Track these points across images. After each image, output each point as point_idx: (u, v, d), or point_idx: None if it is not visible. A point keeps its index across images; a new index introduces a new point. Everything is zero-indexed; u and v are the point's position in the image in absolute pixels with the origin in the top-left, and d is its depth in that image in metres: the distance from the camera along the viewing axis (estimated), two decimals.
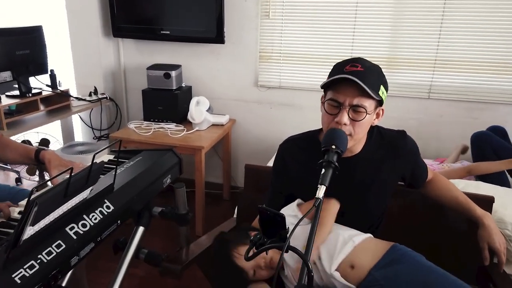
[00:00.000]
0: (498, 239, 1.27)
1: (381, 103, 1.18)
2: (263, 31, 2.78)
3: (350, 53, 2.64)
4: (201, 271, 1.42)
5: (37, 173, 2.97)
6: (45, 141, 2.90)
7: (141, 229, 1.21)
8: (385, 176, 1.29)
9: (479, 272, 1.41)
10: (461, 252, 1.45)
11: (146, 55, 3.05)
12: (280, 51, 2.79)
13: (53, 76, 2.65)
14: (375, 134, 1.29)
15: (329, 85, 1.16)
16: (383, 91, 1.16)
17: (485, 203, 1.41)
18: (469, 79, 2.50)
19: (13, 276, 0.72)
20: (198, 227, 2.63)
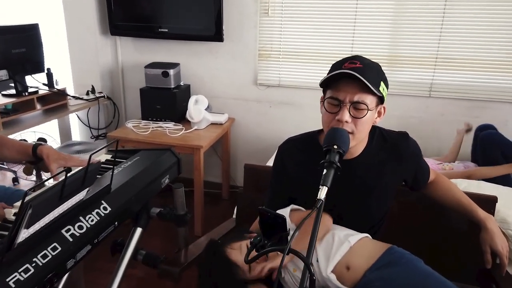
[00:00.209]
0: (500, 242, 1.25)
1: (382, 100, 1.16)
2: (262, 29, 2.76)
3: (350, 51, 2.63)
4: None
5: (34, 172, 2.95)
6: (42, 140, 2.87)
7: (139, 231, 1.20)
8: (387, 179, 1.26)
9: (480, 272, 1.40)
10: (462, 252, 1.44)
11: (144, 53, 3.03)
12: (279, 49, 2.77)
13: (49, 74, 2.62)
14: (376, 136, 1.27)
15: (328, 84, 1.15)
16: (383, 87, 1.14)
17: (488, 203, 1.41)
18: (470, 78, 2.48)
19: (8, 280, 0.71)
20: (197, 227, 2.61)
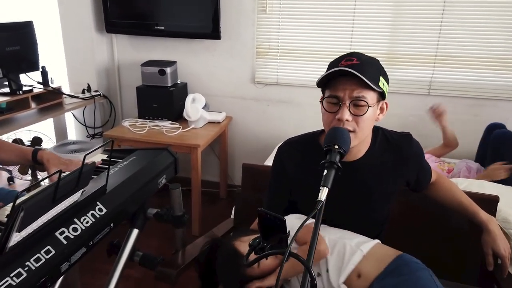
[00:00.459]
0: (503, 244, 1.24)
1: (383, 96, 1.13)
2: (260, 27, 2.73)
3: (349, 48, 2.60)
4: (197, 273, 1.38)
5: (30, 172, 2.92)
6: (37, 139, 2.85)
7: (136, 232, 1.18)
8: (391, 182, 1.24)
9: (481, 273, 1.39)
10: (463, 253, 1.43)
11: (140, 51, 3.00)
12: (277, 47, 2.74)
13: (44, 73, 2.59)
14: (379, 137, 1.24)
15: (326, 83, 1.12)
16: (383, 82, 1.10)
17: (490, 202, 1.39)
18: (470, 75, 2.47)
19: None
20: (194, 227, 2.59)
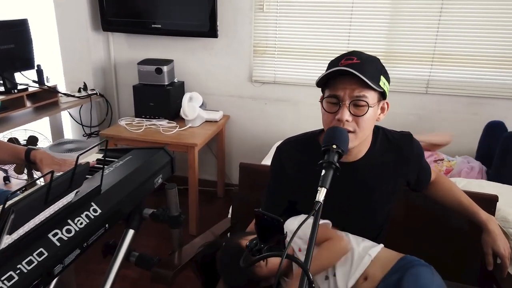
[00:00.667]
0: (503, 244, 1.23)
1: (384, 95, 1.12)
2: (257, 25, 2.71)
3: (346, 46, 2.59)
4: (195, 274, 1.37)
5: (25, 171, 2.89)
6: (33, 138, 2.82)
7: (131, 232, 1.17)
8: (391, 182, 1.23)
9: (481, 273, 1.38)
10: (463, 253, 1.42)
11: (137, 50, 2.97)
12: (274, 45, 2.73)
13: (39, 71, 2.57)
14: (380, 137, 1.23)
15: (326, 83, 1.10)
16: (384, 82, 1.09)
17: (489, 202, 1.38)
18: (468, 74, 2.46)
19: None
20: (191, 226, 2.57)
